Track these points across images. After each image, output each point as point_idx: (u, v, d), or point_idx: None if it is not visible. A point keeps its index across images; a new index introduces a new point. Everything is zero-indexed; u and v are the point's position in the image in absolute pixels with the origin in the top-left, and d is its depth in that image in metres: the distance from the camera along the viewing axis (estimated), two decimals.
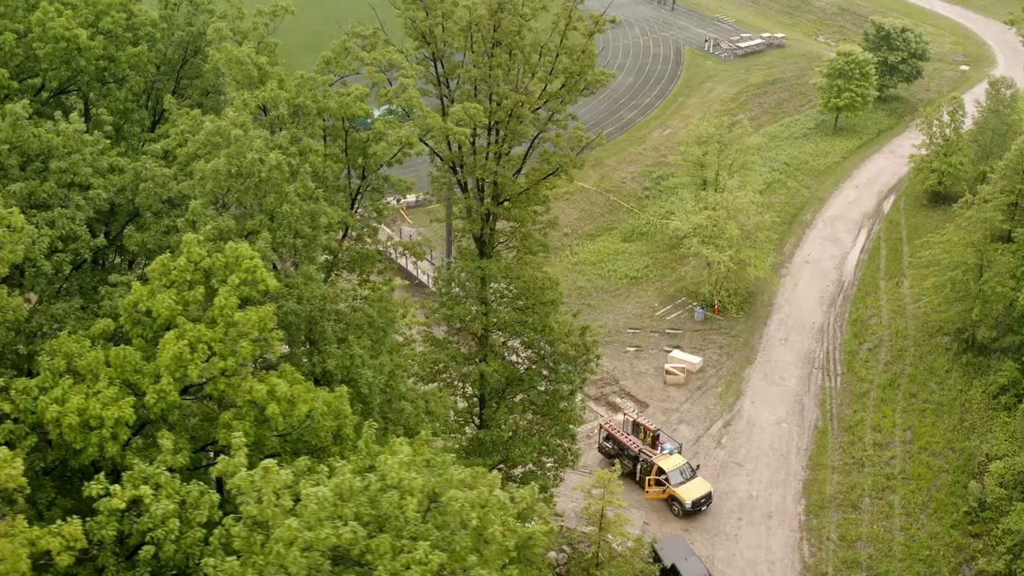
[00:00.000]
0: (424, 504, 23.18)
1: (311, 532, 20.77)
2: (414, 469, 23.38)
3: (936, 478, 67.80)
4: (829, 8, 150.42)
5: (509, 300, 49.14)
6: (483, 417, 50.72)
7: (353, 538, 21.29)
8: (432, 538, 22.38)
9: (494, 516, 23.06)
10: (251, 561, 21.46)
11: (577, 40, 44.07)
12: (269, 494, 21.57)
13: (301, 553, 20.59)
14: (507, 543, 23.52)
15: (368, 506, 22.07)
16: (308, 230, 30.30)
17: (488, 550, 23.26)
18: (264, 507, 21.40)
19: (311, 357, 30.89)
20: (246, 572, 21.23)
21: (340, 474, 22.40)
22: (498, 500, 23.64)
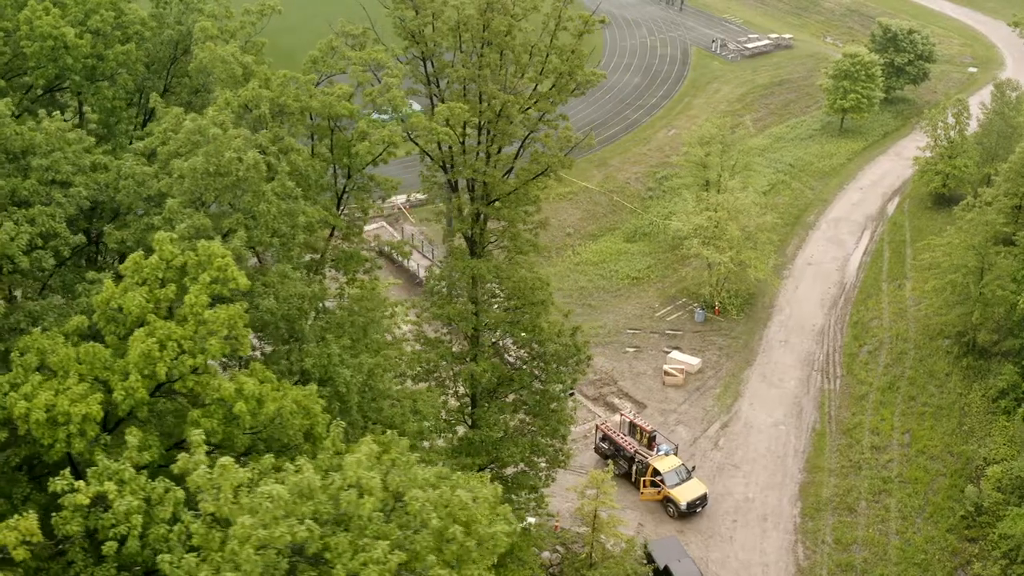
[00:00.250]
0: (389, 503, 23.20)
1: (265, 530, 20.81)
2: (377, 468, 23.37)
3: (933, 482, 67.51)
4: (838, 9, 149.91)
5: (500, 300, 49.13)
6: (474, 417, 50.73)
7: (309, 536, 21.34)
8: (393, 537, 22.39)
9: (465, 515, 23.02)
10: (209, 558, 21.53)
11: (567, 40, 43.99)
12: (226, 491, 21.64)
13: (255, 551, 20.63)
14: (468, 543, 23.49)
15: (328, 505, 22.11)
16: (286, 229, 30.38)
17: (449, 550, 23.26)
18: (221, 504, 21.47)
19: (289, 356, 30.94)
20: (203, 569, 21.29)
21: (300, 472, 22.43)
22: (459, 501, 23.63)
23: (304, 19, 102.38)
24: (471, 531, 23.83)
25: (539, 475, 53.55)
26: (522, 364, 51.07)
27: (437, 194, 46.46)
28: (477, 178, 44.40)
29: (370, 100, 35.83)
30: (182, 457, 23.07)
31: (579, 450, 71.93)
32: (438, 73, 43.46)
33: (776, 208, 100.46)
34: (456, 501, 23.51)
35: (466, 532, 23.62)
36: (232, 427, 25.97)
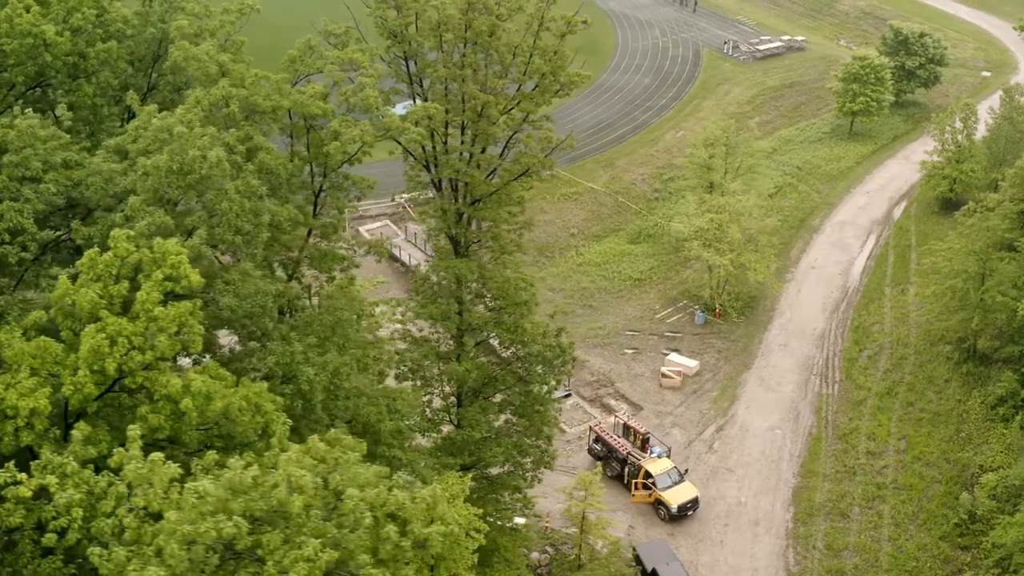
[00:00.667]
0: (331, 502, 23.27)
1: (191, 525, 20.97)
2: (321, 467, 23.45)
3: (928, 489, 67.01)
4: (852, 12, 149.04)
5: (485, 300, 49.15)
6: (458, 416, 50.79)
7: (237, 532, 21.47)
8: (329, 536, 22.49)
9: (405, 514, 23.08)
10: (139, 552, 21.70)
11: (550, 41, 43.96)
12: (157, 486, 21.81)
13: (180, 545, 20.77)
14: (403, 543, 23.54)
15: (261, 502, 22.22)
16: (250, 227, 30.52)
17: (384, 549, 23.32)
18: (151, 499, 21.65)
19: (253, 354, 31.10)
20: (132, 563, 21.46)
21: (231, 469, 22.58)
22: (395, 500, 23.70)
23: (301, 18, 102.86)
24: (406, 531, 23.87)
25: (524, 476, 53.53)
26: (507, 364, 50.99)
27: (420, 193, 46.47)
28: (458, 178, 44.45)
29: (344, 100, 35.93)
30: (117, 451, 23.29)
31: (573, 451, 71.99)
32: (420, 73, 43.53)
33: (781, 211, 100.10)
34: (392, 501, 23.57)
35: (401, 532, 23.67)
36: (180, 423, 26.16)
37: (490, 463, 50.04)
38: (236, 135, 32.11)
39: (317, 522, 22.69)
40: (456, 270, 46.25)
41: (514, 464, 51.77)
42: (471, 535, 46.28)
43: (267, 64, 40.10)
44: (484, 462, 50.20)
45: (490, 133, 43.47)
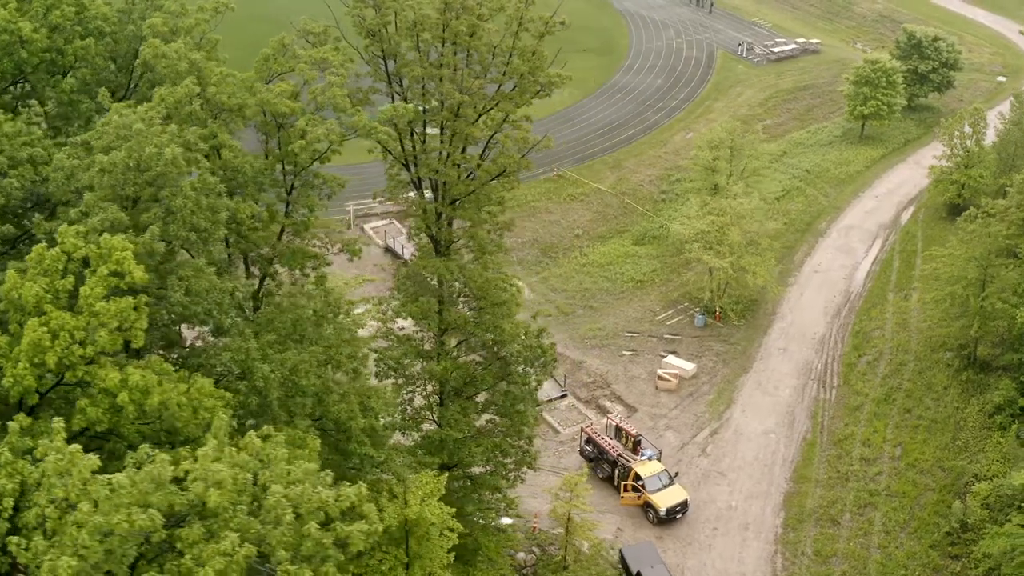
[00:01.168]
0: (260, 496, 23.40)
1: (104, 516, 21.17)
2: (251, 463, 23.61)
3: (921, 496, 66.46)
4: (869, 15, 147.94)
5: (465, 299, 49.23)
6: (438, 416, 50.90)
7: (150, 525, 21.67)
8: (253, 531, 22.65)
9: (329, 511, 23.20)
10: (57, 542, 21.94)
11: (529, 42, 43.95)
12: (76, 478, 22.04)
13: (92, 536, 20.96)
14: (325, 540, 23.66)
15: (182, 496, 22.40)
16: (206, 224, 30.73)
17: (305, 546, 23.45)
18: (70, 490, 21.89)
19: (206, 350, 31.32)
20: (49, 553, 21.69)
21: (154, 463, 22.78)
22: (319, 499, 23.81)
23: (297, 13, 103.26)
24: (329, 529, 23.98)
25: (507, 476, 53.56)
26: (487, 365, 51.03)
27: (400, 192, 46.57)
28: (436, 177, 44.54)
29: (312, 99, 36.12)
30: (42, 443, 23.56)
31: (566, 452, 71.93)
32: (398, 72, 43.62)
33: (788, 214, 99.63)
34: (315, 499, 23.68)
35: (323, 529, 23.79)
36: (119, 417, 26.40)
37: (469, 463, 50.07)
38: (198, 132, 32.32)
39: (243, 517, 22.85)
40: (434, 269, 46.35)
41: (495, 464, 51.80)
42: (445, 534, 46.69)
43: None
44: (464, 462, 50.25)
45: (467, 133, 43.48)
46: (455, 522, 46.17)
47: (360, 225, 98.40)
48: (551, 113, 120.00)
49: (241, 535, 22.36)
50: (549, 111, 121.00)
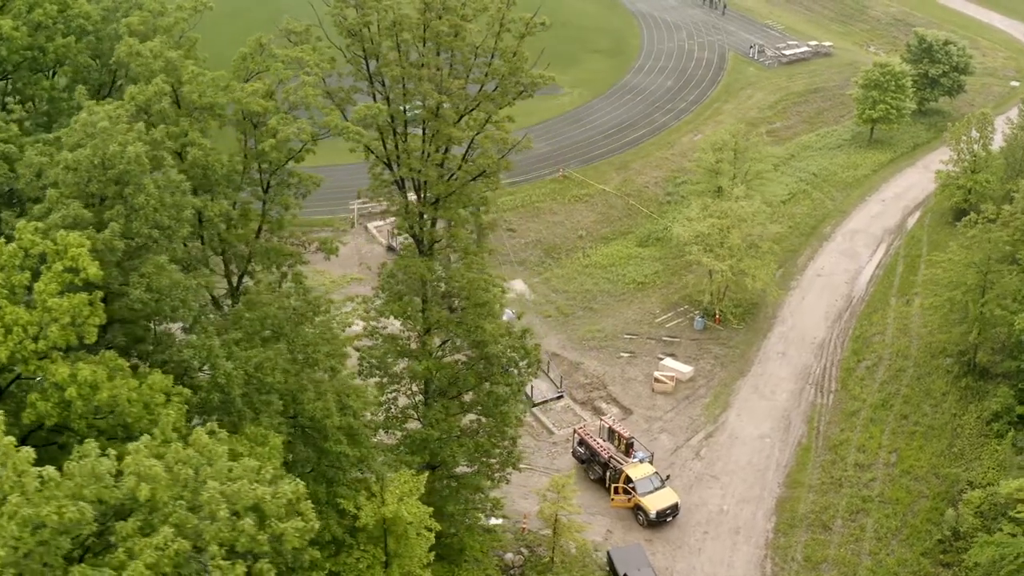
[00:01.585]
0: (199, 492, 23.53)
1: (32, 508, 21.36)
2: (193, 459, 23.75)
3: (915, 503, 65.99)
4: (884, 18, 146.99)
5: (448, 299, 49.24)
6: (422, 415, 50.96)
7: (80, 518, 21.84)
8: (191, 526, 22.80)
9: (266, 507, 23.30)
10: None
11: (511, 42, 43.92)
12: (10, 470, 22.23)
13: (21, 528, 21.12)
14: (260, 537, 23.76)
15: (117, 491, 22.56)
16: (169, 221, 30.92)
17: (239, 542, 23.54)
18: (3, 482, 22.09)
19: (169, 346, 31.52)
20: None
21: (85, 456, 22.96)
22: (255, 495, 23.91)
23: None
24: (264, 526, 24.09)
25: (492, 476, 53.54)
26: (471, 364, 51.03)
27: (382, 191, 46.64)
28: (416, 177, 44.62)
29: (285, 98, 36.27)
30: None
31: (559, 453, 71.86)
32: (379, 72, 43.67)
33: (792, 217, 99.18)
34: (250, 495, 23.78)
35: (258, 527, 23.89)
36: (69, 412, 26.61)
37: (451, 463, 50.11)
38: (167, 131, 32.50)
39: (182, 512, 23.01)
40: (415, 269, 46.43)
41: (478, 464, 51.80)
42: (422, 533, 46.72)
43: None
44: (446, 462, 50.29)
45: (445, 133, 43.50)
46: (433, 521, 46.19)
47: (364, 224, 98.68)
48: (560, 113, 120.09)
49: (178, 529, 22.53)
50: (558, 111, 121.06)
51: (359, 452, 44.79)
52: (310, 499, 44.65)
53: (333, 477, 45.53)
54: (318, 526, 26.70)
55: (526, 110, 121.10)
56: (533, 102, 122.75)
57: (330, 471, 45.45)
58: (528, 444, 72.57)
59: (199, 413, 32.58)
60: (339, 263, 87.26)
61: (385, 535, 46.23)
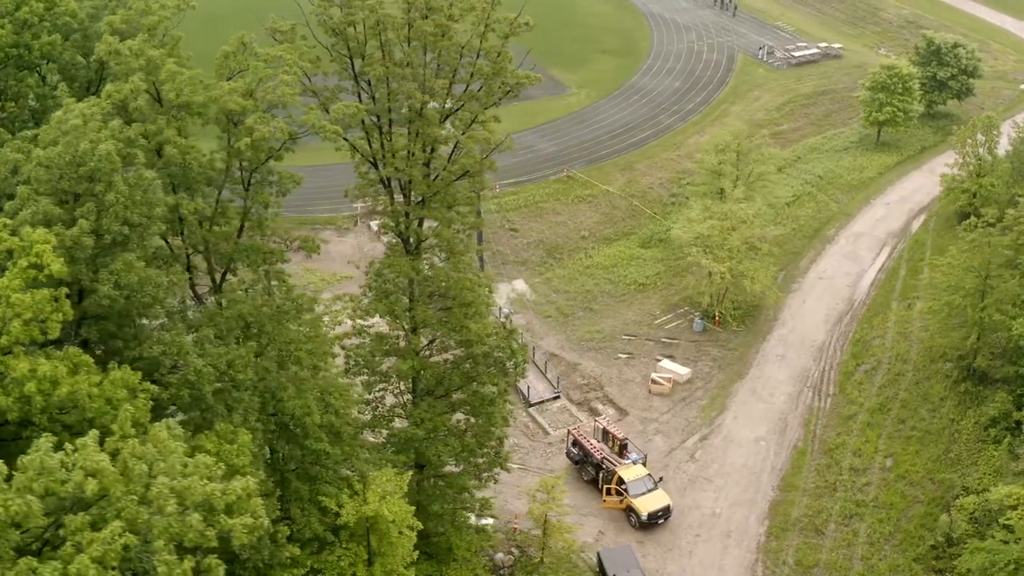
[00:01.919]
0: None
1: None
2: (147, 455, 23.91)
3: (909, 508, 65.62)
4: (895, 20, 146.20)
5: (433, 299, 49.30)
6: (408, 414, 51.06)
7: (27, 511, 22.02)
8: (141, 520, 22.95)
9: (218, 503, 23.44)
10: None
11: (495, 43, 43.93)
12: None
13: None
14: (208, 533, 23.91)
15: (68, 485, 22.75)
16: (140, 219, 31.11)
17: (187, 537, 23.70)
18: None
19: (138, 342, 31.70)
20: None
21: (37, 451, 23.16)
22: (203, 490, 24.05)
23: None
24: (212, 522, 24.23)
25: (479, 476, 53.57)
26: (458, 364, 51.08)
27: (368, 191, 46.74)
28: (400, 176, 44.72)
29: (263, 96, 36.41)
30: None
31: (554, 454, 71.81)
32: (364, 71, 43.76)
33: (796, 220, 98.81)
34: (199, 491, 23.94)
35: (207, 522, 24.03)
36: (29, 406, 26.82)
37: (434, 462, 50.17)
38: (143, 128, 32.69)
39: (134, 507, 23.18)
40: (398, 268, 46.54)
41: (464, 464, 51.85)
42: (404, 532, 46.82)
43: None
44: (430, 461, 50.37)
45: (429, 133, 43.57)
46: (415, 520, 46.28)
47: (367, 223, 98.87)
48: (567, 114, 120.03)
49: (129, 524, 22.71)
50: (565, 112, 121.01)
51: (340, 450, 44.98)
52: (294, 496, 45.42)
53: (316, 475, 45.74)
54: (267, 523, 26.75)
55: (532, 110, 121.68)
56: (540, 102, 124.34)
57: (313, 469, 45.68)
58: (523, 444, 72.72)
59: (179, 409, 32.83)
60: (341, 261, 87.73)
61: (368, 534, 46.37)
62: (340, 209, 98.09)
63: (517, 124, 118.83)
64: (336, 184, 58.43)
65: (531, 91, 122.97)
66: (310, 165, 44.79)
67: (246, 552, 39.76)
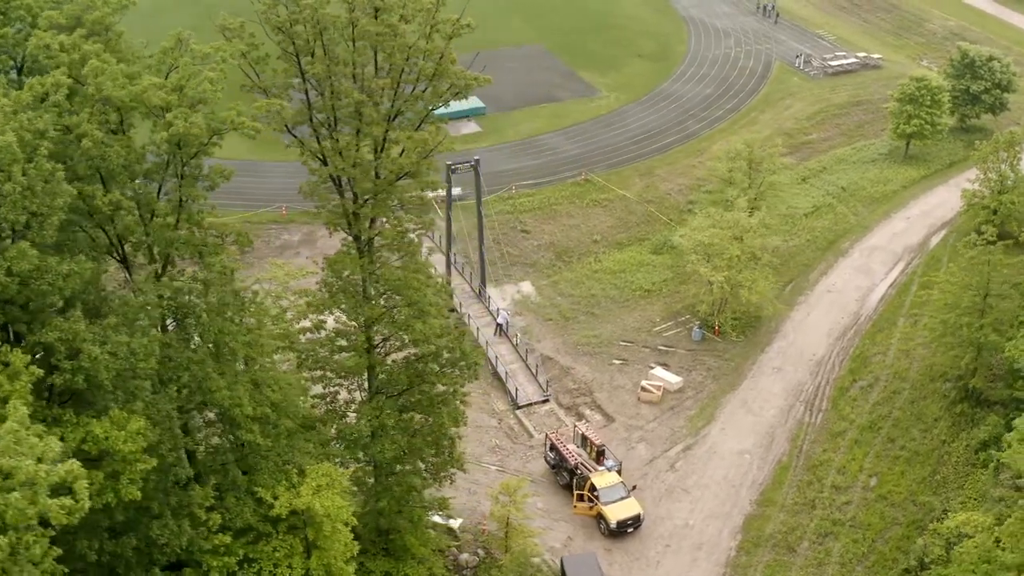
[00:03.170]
0: None
1: None
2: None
3: (887, 530, 64.28)
4: (940, 32, 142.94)
5: (387, 298, 49.55)
6: (358, 411, 51.37)
7: None
8: None
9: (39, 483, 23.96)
10: None
11: (439, 43, 44.00)
12: None
13: None
14: (29, 511, 24.53)
15: None
16: (44, 209, 31.89)
17: (9, 514, 24.33)
18: None
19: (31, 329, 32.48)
20: None
21: None
22: (29, 470, 24.68)
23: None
24: (37, 502, 24.85)
25: (423, 475, 53.63)
26: (409, 364, 51.24)
27: (318, 189, 47.07)
28: (342, 175, 45.07)
29: (189, 92, 37.04)
30: None
31: (534, 457, 71.67)
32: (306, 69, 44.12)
33: (812, 231, 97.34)
34: (24, 471, 24.55)
35: (31, 503, 24.65)
36: None
37: (379, 459, 50.40)
38: (47, 120, 33.47)
39: None
40: (343, 265, 46.94)
41: (410, 462, 52.02)
42: (338, 528, 47.12)
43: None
44: (376, 458, 50.61)
45: (367, 132, 43.85)
46: (351, 516, 46.57)
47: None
48: (594, 116, 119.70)
49: None
50: (592, 114, 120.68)
51: (277, 443, 45.51)
52: (231, 486, 46.03)
53: (255, 465, 46.36)
54: (88, 506, 27.22)
55: (560, 112, 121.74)
56: (568, 104, 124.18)
57: (252, 459, 46.31)
58: (504, 446, 72.77)
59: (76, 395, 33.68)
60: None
61: (305, 527, 46.80)
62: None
63: (544, 125, 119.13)
64: None
65: (559, 93, 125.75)
66: None
67: (164, 536, 40.72)
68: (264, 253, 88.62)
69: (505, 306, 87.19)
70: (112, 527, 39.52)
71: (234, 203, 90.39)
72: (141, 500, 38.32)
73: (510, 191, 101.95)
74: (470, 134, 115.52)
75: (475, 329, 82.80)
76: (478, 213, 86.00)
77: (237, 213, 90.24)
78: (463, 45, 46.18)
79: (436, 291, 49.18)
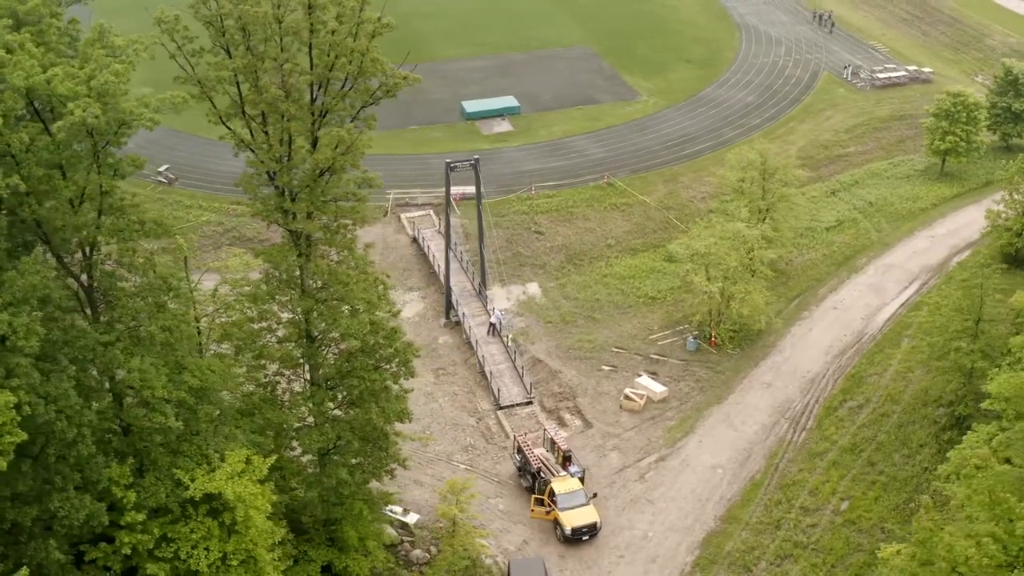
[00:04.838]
0: None
1: None
2: None
3: (849, 555, 62.68)
4: (1000, 48, 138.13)
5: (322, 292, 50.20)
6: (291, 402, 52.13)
7: None
8: None
9: None
10: None
11: (362, 42, 44.38)
12: None
13: None
14: None
15: None
16: None
17: None
18: None
19: None
20: None
21: None
22: None
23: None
24: None
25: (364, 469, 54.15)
26: (347, 358, 51.80)
27: (253, 182, 47.84)
28: (267, 168, 45.80)
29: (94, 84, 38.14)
30: None
31: (504, 459, 71.67)
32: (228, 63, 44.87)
33: (830, 245, 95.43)
34: None
35: None
36: None
37: (307, 449, 51.10)
38: None
39: None
40: (270, 258, 47.76)
41: (340, 455, 52.54)
42: (251, 515, 47.91)
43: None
44: (305, 448, 51.32)
45: (286, 128, 44.51)
46: (266, 504, 47.30)
47: (397, 214, 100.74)
48: (628, 120, 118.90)
49: None
50: (627, 118, 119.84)
51: (190, 426, 46.48)
52: (152, 466, 47.23)
53: (178, 448, 47.46)
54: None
55: (596, 114, 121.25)
56: (606, 107, 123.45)
57: (176, 442, 47.42)
58: (477, 446, 72.95)
59: None
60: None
61: (222, 510, 47.71)
62: (372, 199, 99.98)
63: (576, 127, 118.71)
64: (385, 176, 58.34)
65: (599, 95, 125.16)
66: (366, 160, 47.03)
67: (64, 510, 42.05)
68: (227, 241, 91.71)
69: (507, 307, 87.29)
70: (16, 495, 41.06)
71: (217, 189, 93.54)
72: (47, 473, 40.04)
73: (529, 192, 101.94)
74: (502, 133, 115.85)
75: (468, 328, 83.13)
76: (478, 213, 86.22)
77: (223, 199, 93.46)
78: (507, 45, 46.52)
79: (367, 287, 49.59)
